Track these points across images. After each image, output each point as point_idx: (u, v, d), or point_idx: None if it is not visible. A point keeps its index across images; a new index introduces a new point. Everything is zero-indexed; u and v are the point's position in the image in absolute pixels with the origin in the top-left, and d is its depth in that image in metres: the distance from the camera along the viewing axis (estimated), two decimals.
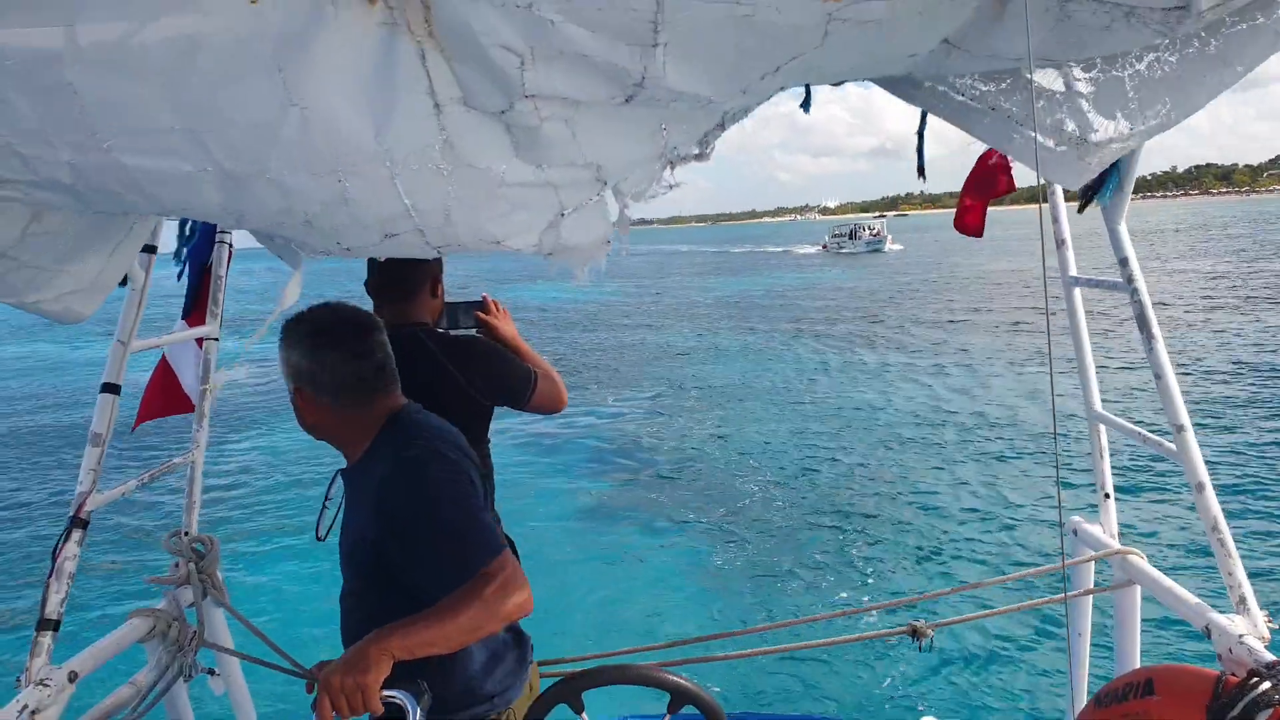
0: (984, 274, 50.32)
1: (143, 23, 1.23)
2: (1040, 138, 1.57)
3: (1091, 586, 2.73)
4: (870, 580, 9.48)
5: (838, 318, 34.33)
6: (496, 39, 1.32)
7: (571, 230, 1.67)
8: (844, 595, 9.15)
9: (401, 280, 2.91)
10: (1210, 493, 2.12)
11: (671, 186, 1.74)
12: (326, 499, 2.22)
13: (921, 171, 2.05)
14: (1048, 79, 1.56)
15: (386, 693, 1.73)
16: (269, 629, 3.22)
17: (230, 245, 3.23)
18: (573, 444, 16.32)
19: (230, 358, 3.23)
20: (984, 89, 1.63)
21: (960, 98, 1.68)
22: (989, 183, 3.08)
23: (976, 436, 15.33)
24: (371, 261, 2.90)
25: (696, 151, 1.74)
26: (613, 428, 17.96)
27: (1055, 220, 2.78)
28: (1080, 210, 2.19)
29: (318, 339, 2.08)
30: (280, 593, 10.24)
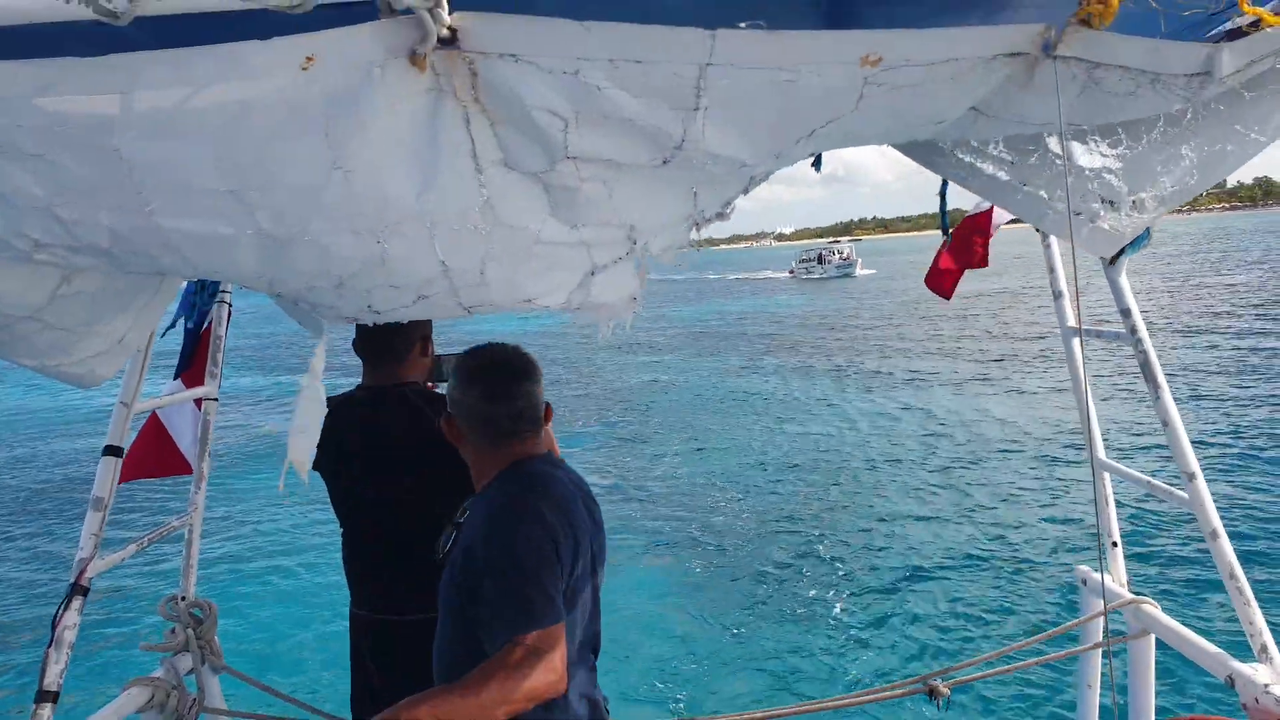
0: (971, 294, 50.72)
1: (198, 89, 1.24)
2: (1073, 212, 1.62)
3: (1101, 638, 2.74)
4: (874, 629, 9.33)
5: (826, 343, 34.34)
6: (542, 103, 1.35)
7: (602, 288, 1.69)
8: (845, 639, 9.06)
9: (391, 342, 2.90)
10: (1225, 540, 2.14)
11: (695, 244, 1.77)
12: (457, 523, 2.23)
13: (945, 231, 2.10)
14: (1077, 154, 1.61)
15: None
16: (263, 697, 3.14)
17: (229, 305, 3.22)
18: None
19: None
20: (1012, 161, 1.68)
21: (989, 170, 1.74)
22: (967, 250, 3.14)
23: (974, 478, 15.14)
24: (360, 324, 2.89)
25: (720, 212, 1.78)
26: (592, 455, 17.90)
27: (1051, 270, 2.83)
28: (1111, 262, 2.24)
29: (469, 374, 2.18)
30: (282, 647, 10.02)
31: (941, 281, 3.13)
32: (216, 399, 3.12)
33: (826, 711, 2.70)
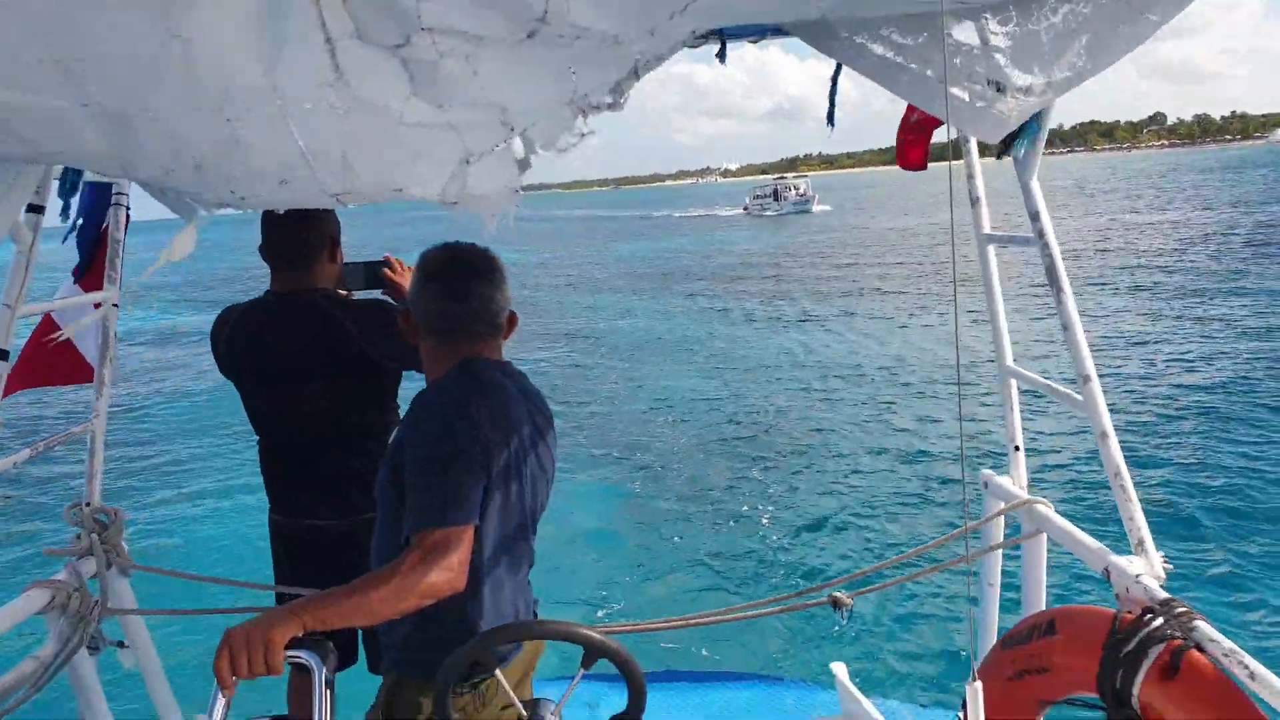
0: (927, 230, 50.55)
1: None
2: (957, 92, 1.57)
3: (1001, 539, 2.81)
4: (787, 539, 9.56)
5: (784, 282, 34.09)
6: None
7: (478, 178, 1.62)
8: (757, 549, 9.30)
9: (298, 245, 2.79)
10: (1113, 441, 2.18)
11: (584, 135, 1.70)
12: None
13: (831, 119, 2.05)
14: (965, 33, 1.56)
15: (290, 652, 1.69)
16: (184, 596, 3.13)
17: (128, 209, 3.09)
18: None
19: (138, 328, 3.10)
20: (902, 42, 1.62)
21: (879, 51, 1.67)
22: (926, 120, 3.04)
23: (898, 391, 15.55)
24: (265, 226, 2.78)
25: (610, 100, 1.70)
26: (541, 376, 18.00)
27: (970, 177, 2.80)
28: (999, 157, 2.20)
29: (427, 269, 2.13)
30: (198, 553, 10.01)
31: (910, 156, 3.03)
32: (117, 304, 3.01)
33: (736, 622, 2.75)
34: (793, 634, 7.24)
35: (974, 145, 2.87)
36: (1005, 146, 2.09)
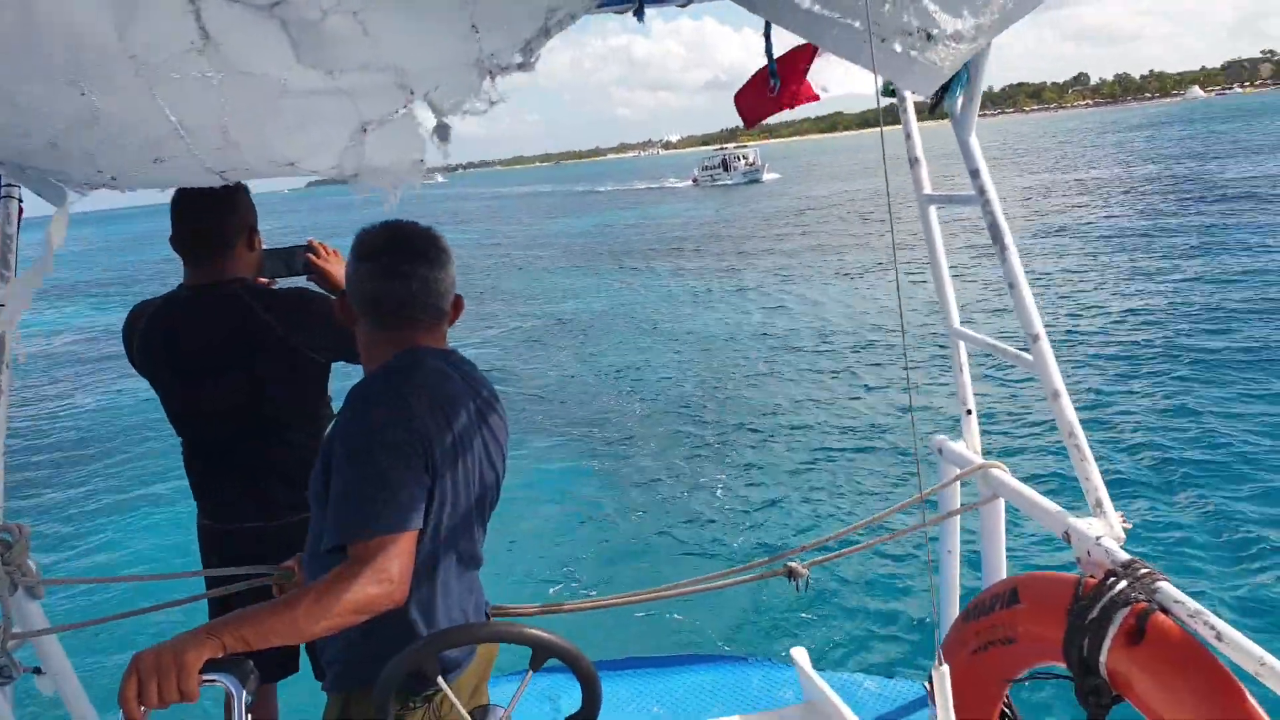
0: (873, 193, 50.53)
1: None
2: (887, 41, 1.46)
3: (958, 505, 2.74)
4: (745, 513, 9.50)
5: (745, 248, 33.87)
6: None
7: (377, 148, 1.48)
8: (714, 521, 9.25)
9: (211, 233, 2.60)
10: (1066, 400, 2.11)
11: (494, 102, 1.56)
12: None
13: (774, 78, 1.94)
14: None
15: (206, 676, 1.53)
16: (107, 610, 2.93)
17: (20, 201, 2.86)
18: None
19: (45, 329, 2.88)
20: None
21: (805, 4, 1.56)
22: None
23: (850, 360, 15.46)
24: (174, 215, 2.60)
25: (519, 60, 1.56)
26: (490, 357, 17.78)
27: (907, 137, 2.72)
28: (931, 112, 2.11)
29: (363, 249, 1.92)
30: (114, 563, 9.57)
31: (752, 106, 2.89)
32: (4, 304, 2.78)
33: (692, 595, 2.65)
34: (755, 607, 7.19)
35: (910, 105, 2.79)
36: (936, 103, 1.99)
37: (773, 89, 1.98)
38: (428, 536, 1.84)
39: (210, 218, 2.59)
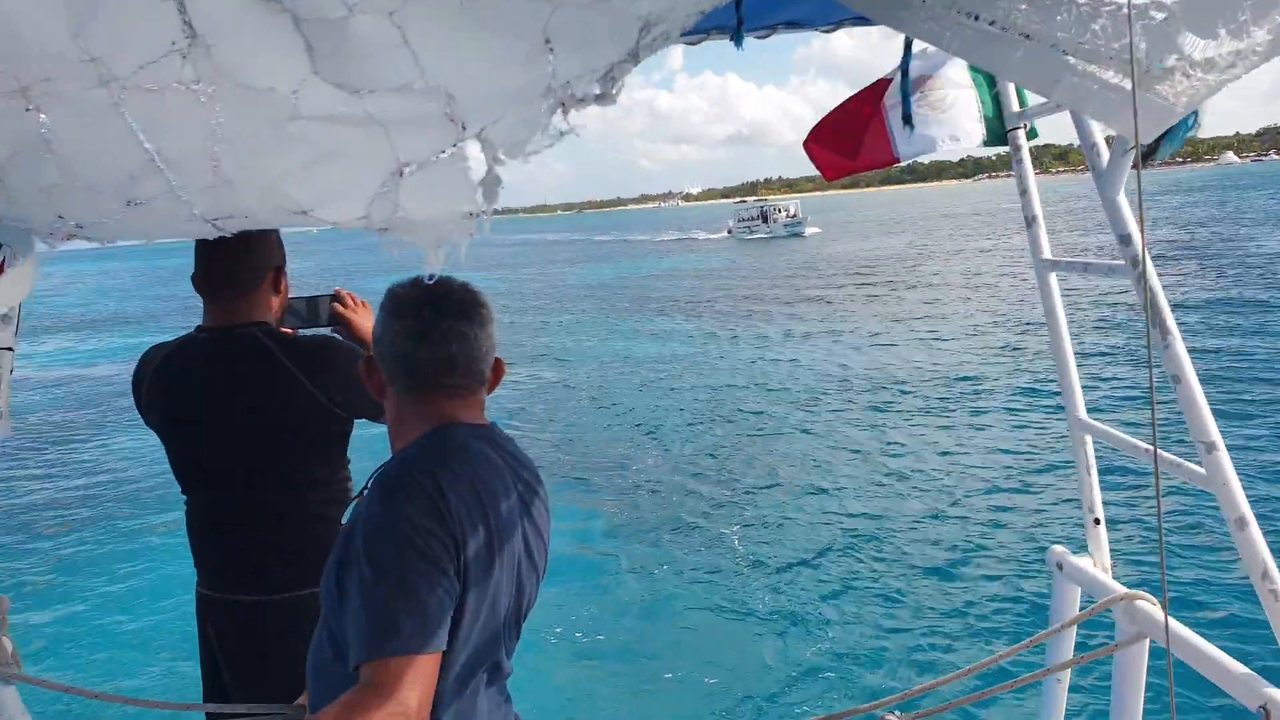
0: (927, 249, 49.32)
1: None
2: (1096, 69, 1.10)
3: (1072, 638, 2.31)
4: (829, 635, 8.34)
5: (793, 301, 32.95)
6: None
7: (416, 197, 1.14)
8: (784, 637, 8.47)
9: (235, 273, 2.45)
10: (1255, 530, 1.70)
11: (563, 134, 1.23)
12: (362, 492, 1.70)
13: (908, 119, 1.61)
14: None
15: None
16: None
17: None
18: None
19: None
20: (1007, 5, 1.15)
21: (975, 22, 1.21)
22: (855, 142, 2.55)
23: (931, 432, 14.19)
24: (198, 251, 2.42)
25: (598, 91, 1.24)
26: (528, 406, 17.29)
27: (1023, 192, 2.36)
28: (1145, 161, 1.74)
29: (394, 305, 1.69)
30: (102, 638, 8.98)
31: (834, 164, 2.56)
32: (12, 348, 2.51)
33: None
34: None
35: (1025, 153, 2.44)
36: (1151, 152, 1.62)
37: (908, 129, 1.65)
38: (456, 652, 1.55)
39: (235, 256, 2.39)
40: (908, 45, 1.46)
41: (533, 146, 1.21)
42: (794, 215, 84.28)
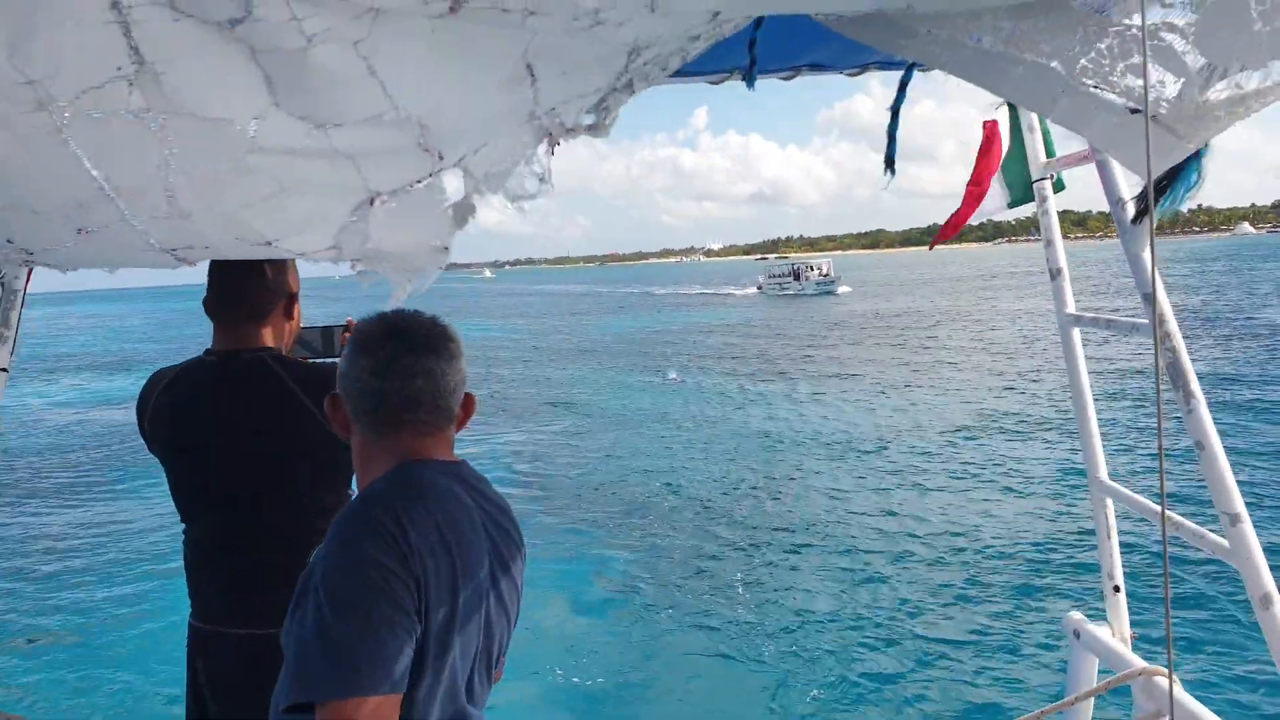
0: (970, 312, 48.07)
1: None
2: (1103, 95, 1.02)
3: (1089, 711, 2.21)
4: (834, 694, 7.98)
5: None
6: None
7: (388, 228, 1.08)
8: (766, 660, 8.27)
9: (246, 296, 2.35)
10: None
11: (543, 180, 1.15)
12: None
13: (890, 163, 1.53)
14: (1124, 6, 1.01)
15: None
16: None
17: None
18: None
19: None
20: (1011, 25, 1.07)
21: (977, 44, 1.13)
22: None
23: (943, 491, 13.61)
24: (210, 270, 2.35)
25: (590, 121, 1.17)
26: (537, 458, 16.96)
27: (1048, 244, 2.27)
28: (1135, 220, 1.65)
29: (359, 340, 1.62)
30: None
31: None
32: (6, 369, 2.45)
33: None
34: None
35: (1051, 204, 2.34)
36: (1155, 190, 1.52)
37: (888, 174, 1.57)
38: (418, 693, 1.49)
39: (248, 280, 2.32)
40: (901, 86, 1.38)
41: (517, 185, 1.14)
42: (826, 274, 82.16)
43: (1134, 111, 1.01)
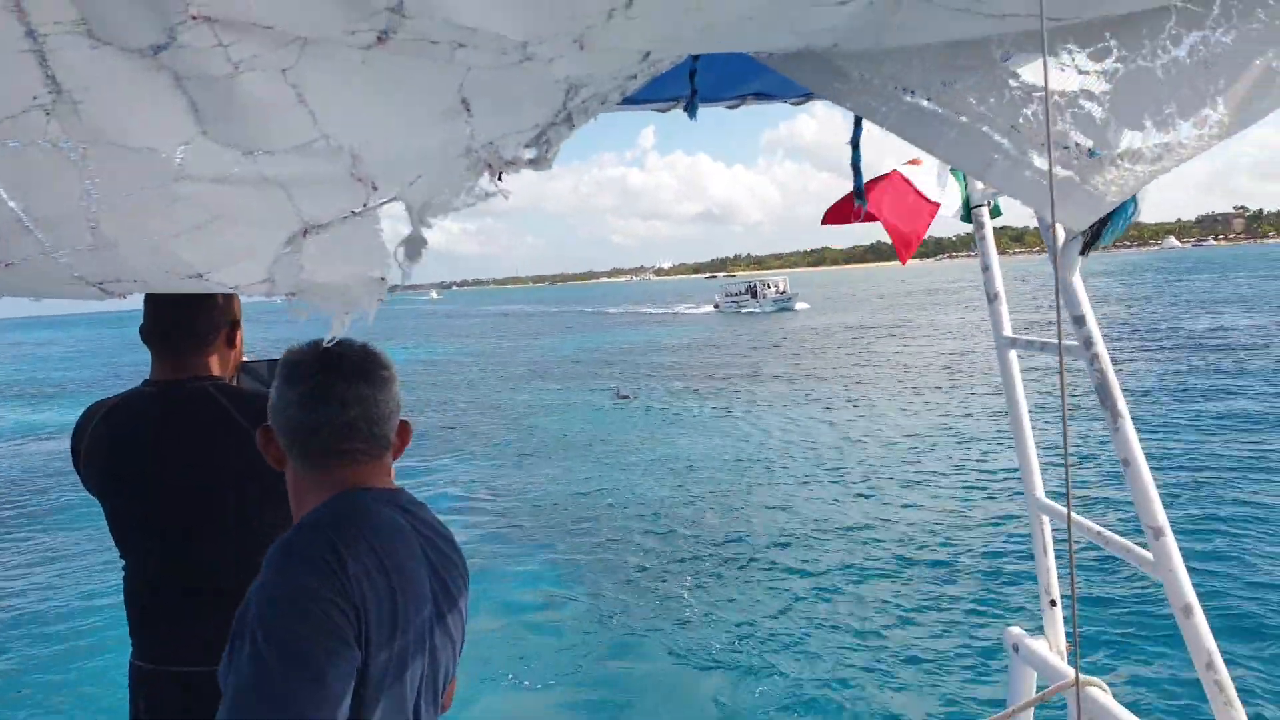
0: (930, 327, 48.69)
1: None
2: (1031, 157, 1.05)
3: None
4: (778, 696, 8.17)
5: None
6: None
7: (323, 258, 1.06)
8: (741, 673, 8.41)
9: (187, 325, 2.31)
10: (1200, 619, 1.65)
11: (489, 195, 1.15)
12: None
13: (860, 194, 1.56)
14: (1040, 71, 1.05)
15: None
16: None
17: None
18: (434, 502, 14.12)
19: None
20: (943, 81, 1.10)
21: (911, 99, 1.16)
22: (905, 208, 2.61)
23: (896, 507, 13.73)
24: (146, 299, 2.29)
25: (530, 155, 1.17)
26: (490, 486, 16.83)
27: (985, 269, 2.33)
28: (1084, 252, 1.71)
29: (288, 370, 1.60)
30: None
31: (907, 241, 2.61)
32: None
33: None
34: None
35: (989, 230, 2.41)
36: (1092, 242, 1.57)
37: (859, 210, 1.61)
38: None
39: (186, 308, 2.26)
40: (858, 119, 1.42)
41: (455, 206, 1.14)
42: (783, 291, 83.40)
43: (1064, 171, 1.04)
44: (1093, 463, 14.67)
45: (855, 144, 1.53)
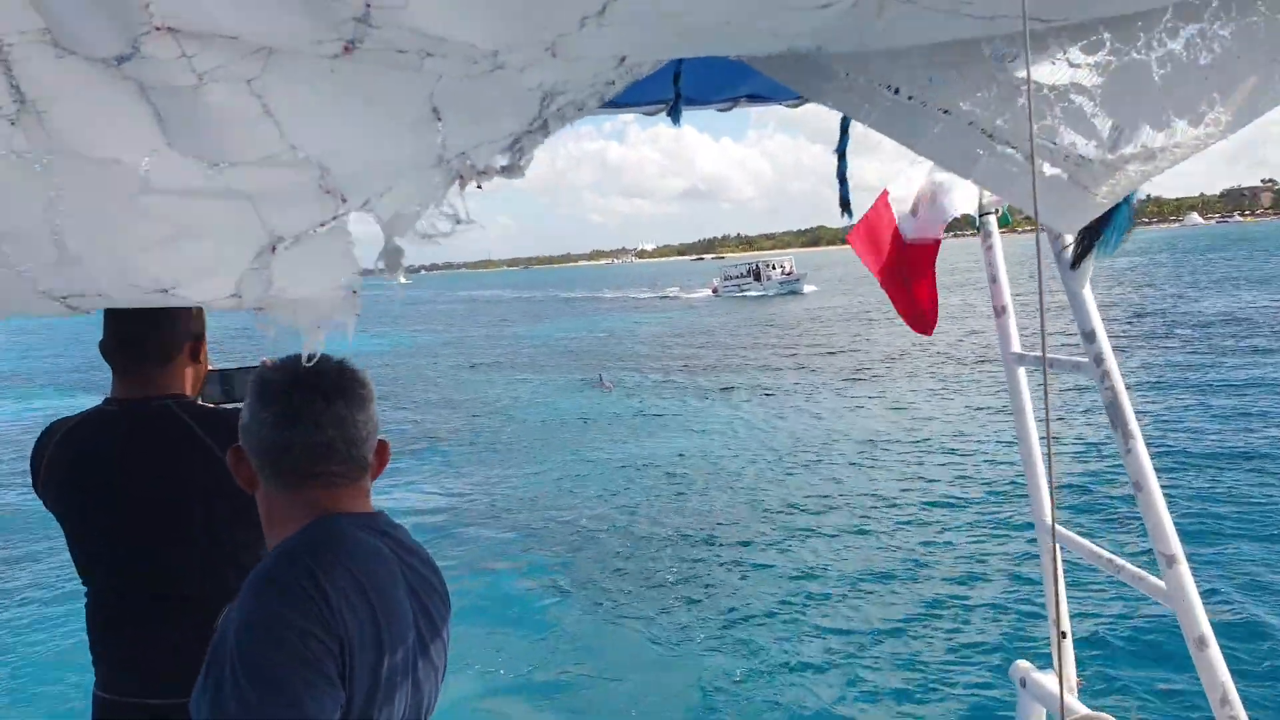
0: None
1: None
2: (1018, 156, 1.04)
3: None
4: (765, 675, 8.33)
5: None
6: None
7: (291, 273, 1.05)
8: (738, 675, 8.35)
9: (148, 342, 2.25)
10: (1215, 651, 1.63)
11: (460, 222, 1.14)
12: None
13: (845, 205, 1.55)
14: (1034, 68, 1.04)
15: None
16: None
17: None
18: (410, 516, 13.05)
19: None
20: (930, 78, 1.10)
21: (895, 96, 1.15)
22: (904, 257, 2.61)
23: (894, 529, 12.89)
24: (107, 317, 2.23)
25: (504, 163, 1.16)
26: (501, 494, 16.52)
27: (993, 280, 2.31)
28: (1074, 266, 1.69)
29: (260, 389, 1.54)
30: None
31: (926, 312, 2.57)
32: None
33: None
34: None
35: (996, 240, 2.39)
36: (1084, 241, 1.56)
37: (845, 216, 1.60)
38: None
39: (147, 323, 2.21)
40: (844, 128, 1.41)
41: (428, 225, 1.13)
42: (789, 272, 77.07)
43: (1052, 171, 1.04)
44: (1114, 484, 13.48)
45: (841, 153, 1.52)
